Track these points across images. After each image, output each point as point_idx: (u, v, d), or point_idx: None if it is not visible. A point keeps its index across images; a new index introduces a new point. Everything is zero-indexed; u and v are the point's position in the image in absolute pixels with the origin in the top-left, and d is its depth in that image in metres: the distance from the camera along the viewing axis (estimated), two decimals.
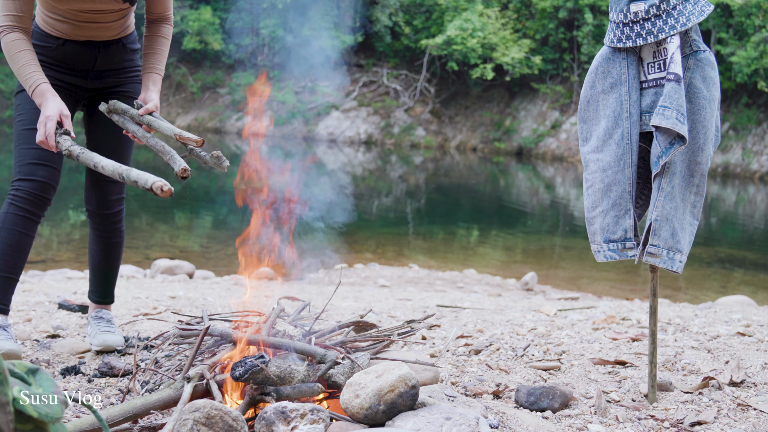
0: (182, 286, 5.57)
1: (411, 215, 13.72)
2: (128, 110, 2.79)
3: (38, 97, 2.70)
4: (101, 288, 3.21)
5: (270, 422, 2.00)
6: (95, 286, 3.21)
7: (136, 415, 2.10)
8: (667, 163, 2.49)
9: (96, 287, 3.21)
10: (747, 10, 21.29)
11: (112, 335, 3.09)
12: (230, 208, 11.65)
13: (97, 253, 3.16)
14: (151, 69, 2.96)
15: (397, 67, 27.76)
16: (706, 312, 4.60)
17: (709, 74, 2.51)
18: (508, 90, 26.73)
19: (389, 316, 4.26)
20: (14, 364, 1.32)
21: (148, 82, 2.92)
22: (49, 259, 7.47)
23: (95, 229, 3.13)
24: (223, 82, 28.20)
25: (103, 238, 3.13)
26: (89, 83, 2.98)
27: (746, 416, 2.50)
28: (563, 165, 22.59)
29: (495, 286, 7.21)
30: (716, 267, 9.24)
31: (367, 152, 23.87)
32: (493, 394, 2.66)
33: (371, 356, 2.48)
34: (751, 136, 21.81)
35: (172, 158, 2.50)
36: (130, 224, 10.06)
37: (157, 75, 2.94)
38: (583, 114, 2.68)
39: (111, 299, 3.24)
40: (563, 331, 3.69)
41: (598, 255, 2.65)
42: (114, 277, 3.23)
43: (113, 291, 3.24)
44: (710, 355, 3.19)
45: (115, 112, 2.84)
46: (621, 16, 2.53)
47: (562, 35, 25.36)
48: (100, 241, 3.14)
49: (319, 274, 7.30)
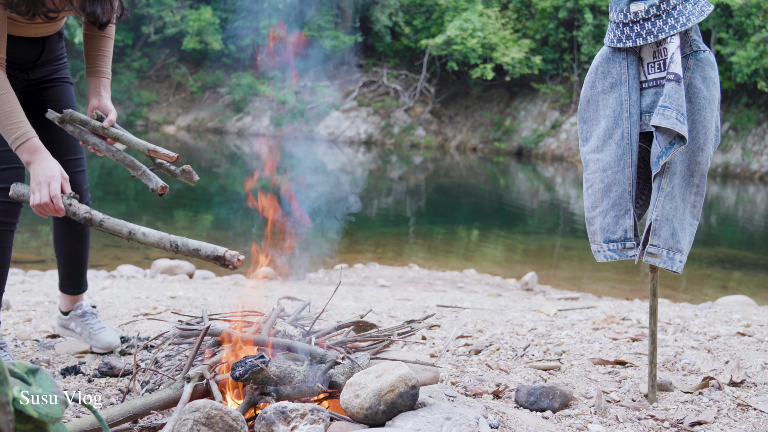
0: (182, 286, 5.57)
1: (411, 215, 13.72)
2: (89, 122, 2.57)
3: (28, 154, 2.42)
4: (77, 277, 3.10)
5: (270, 422, 2.00)
6: (71, 278, 3.10)
7: (136, 415, 2.10)
8: (667, 163, 2.49)
9: (72, 279, 3.10)
10: (747, 10, 21.29)
11: (111, 333, 3.07)
12: (230, 208, 11.65)
13: (69, 244, 3.03)
14: (100, 73, 2.73)
15: (397, 67, 27.77)
16: (706, 312, 4.60)
17: (709, 74, 2.51)
18: (508, 90, 26.73)
19: (389, 316, 4.26)
20: (14, 364, 1.32)
21: (99, 87, 2.70)
22: (49, 259, 7.47)
23: (65, 223, 2.94)
24: (223, 82, 28.20)
25: (75, 228, 2.99)
26: (29, 75, 2.77)
27: (746, 416, 2.50)
28: (563, 165, 22.60)
29: (495, 286, 7.21)
30: (716, 267, 9.24)
31: (367, 152, 23.88)
32: (493, 394, 2.66)
33: (371, 356, 2.48)
34: (751, 136, 21.81)
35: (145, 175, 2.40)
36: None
37: (107, 79, 2.73)
38: (583, 114, 2.68)
39: (86, 286, 3.16)
40: (563, 331, 3.69)
41: (598, 255, 2.65)
42: (87, 263, 3.13)
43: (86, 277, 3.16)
44: (710, 355, 3.19)
45: (70, 123, 2.59)
46: (621, 16, 2.53)
47: (562, 35, 25.37)
48: (71, 233, 3.00)
49: (319, 274, 7.30)
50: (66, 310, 3.16)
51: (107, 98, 2.69)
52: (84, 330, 3.08)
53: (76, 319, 3.12)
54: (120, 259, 7.82)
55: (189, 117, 28.23)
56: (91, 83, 2.72)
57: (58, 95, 2.86)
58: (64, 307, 3.17)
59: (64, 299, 3.16)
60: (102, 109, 2.66)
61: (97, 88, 2.70)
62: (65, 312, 3.16)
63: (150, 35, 27.48)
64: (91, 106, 2.69)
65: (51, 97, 2.84)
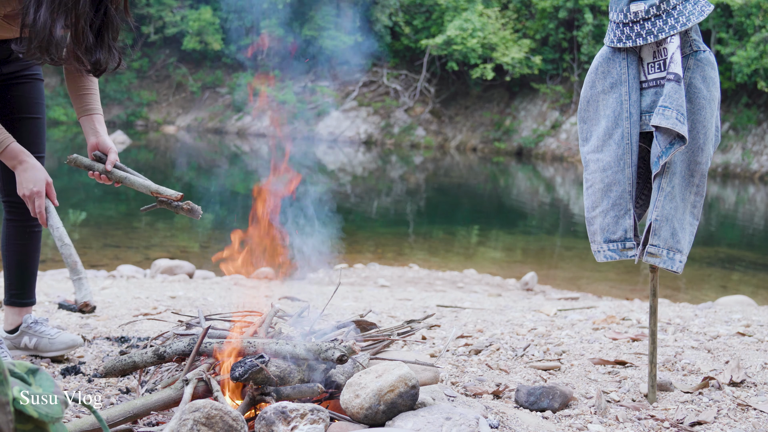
0: (182, 286, 5.57)
1: (411, 215, 13.72)
2: (93, 166, 2.62)
3: (10, 159, 2.45)
4: (28, 285, 2.94)
5: (270, 422, 2.00)
6: (21, 287, 2.93)
7: (136, 415, 2.10)
8: (667, 163, 2.49)
9: (22, 287, 2.93)
10: (747, 10, 21.29)
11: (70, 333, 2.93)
12: (230, 208, 11.65)
13: (20, 247, 2.90)
14: (92, 111, 2.71)
15: (397, 67, 27.78)
16: (706, 312, 4.60)
17: (709, 74, 2.51)
18: (508, 90, 26.74)
19: (389, 316, 4.26)
20: (14, 364, 1.32)
21: (94, 125, 2.69)
22: (49, 259, 7.47)
23: (18, 221, 2.86)
24: (223, 82, 28.21)
25: (26, 227, 2.88)
26: (1, 69, 2.73)
27: (746, 416, 2.50)
28: (563, 165, 22.60)
29: (495, 286, 7.21)
30: (716, 267, 9.24)
31: (367, 152, 23.88)
32: (493, 394, 2.66)
33: (371, 356, 2.48)
34: (751, 136, 21.82)
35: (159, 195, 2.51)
36: (130, 224, 10.08)
37: (100, 115, 2.72)
38: (583, 114, 2.68)
39: (35, 297, 2.99)
40: (563, 331, 3.69)
41: (598, 255, 2.65)
42: (36, 269, 2.98)
43: (35, 287, 2.99)
44: (710, 355, 3.19)
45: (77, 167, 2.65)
46: (621, 16, 2.53)
47: (562, 35, 25.37)
48: (22, 233, 2.88)
49: (319, 274, 7.30)
50: (13, 328, 2.95)
51: (104, 135, 2.68)
52: (40, 340, 2.90)
53: (27, 332, 2.91)
54: (120, 259, 7.82)
55: (189, 117, 28.23)
56: (85, 122, 2.70)
57: (27, 92, 2.82)
58: (9, 325, 2.95)
59: (9, 315, 2.95)
60: (101, 148, 2.66)
61: (93, 126, 2.69)
62: (13, 330, 2.94)
63: (150, 35, 27.49)
64: (90, 146, 2.68)
65: (20, 93, 2.80)
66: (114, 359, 2.43)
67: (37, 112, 2.84)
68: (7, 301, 2.96)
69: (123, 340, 3.24)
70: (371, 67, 27.68)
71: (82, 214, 10.67)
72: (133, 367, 2.41)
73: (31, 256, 2.94)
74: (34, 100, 2.84)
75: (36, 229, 2.92)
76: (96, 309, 3.18)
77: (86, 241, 9.01)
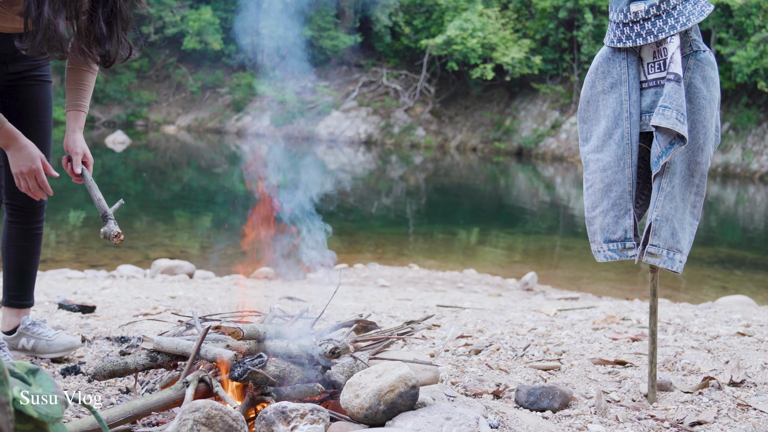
0: (182, 286, 5.57)
1: (411, 215, 13.72)
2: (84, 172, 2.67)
3: (5, 139, 2.47)
4: (27, 287, 2.95)
5: (270, 422, 2.00)
6: (20, 288, 2.93)
7: (136, 415, 2.10)
8: (667, 163, 2.49)
9: (21, 288, 2.94)
10: (747, 10, 21.29)
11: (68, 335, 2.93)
12: (230, 208, 11.65)
13: (20, 249, 2.90)
14: (76, 106, 2.70)
15: (397, 67, 27.78)
16: (706, 312, 4.60)
17: (709, 74, 2.51)
18: (508, 90, 26.74)
19: (389, 316, 4.26)
20: (14, 365, 1.32)
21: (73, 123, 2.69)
22: (49, 259, 7.47)
23: (19, 224, 2.87)
24: (223, 82, 28.21)
25: (27, 230, 2.89)
26: (9, 68, 2.73)
27: (746, 416, 2.50)
28: (563, 165, 22.60)
29: (495, 286, 7.21)
30: (716, 267, 9.24)
31: (367, 152, 23.88)
32: (493, 394, 2.66)
33: (371, 356, 2.48)
34: (751, 136, 21.81)
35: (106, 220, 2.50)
36: (129, 224, 10.07)
37: (83, 113, 2.71)
38: (583, 114, 2.68)
39: (33, 299, 3.00)
40: (563, 331, 3.69)
41: (598, 255, 2.65)
42: (36, 271, 2.99)
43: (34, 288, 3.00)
44: (710, 355, 3.19)
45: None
46: (621, 16, 2.53)
47: (562, 35, 25.37)
48: (23, 235, 2.89)
49: (319, 274, 7.29)
50: (10, 329, 2.95)
51: (78, 133, 2.69)
52: (38, 341, 2.90)
53: (25, 333, 2.91)
54: (120, 259, 7.82)
55: (189, 117, 28.23)
56: (68, 117, 2.71)
57: (35, 94, 2.82)
58: (7, 326, 2.95)
59: (7, 316, 2.95)
60: (70, 148, 2.67)
61: (71, 124, 2.70)
62: (10, 331, 2.95)
63: (150, 35, 27.48)
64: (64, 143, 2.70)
65: (29, 96, 2.81)
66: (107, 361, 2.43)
67: (44, 115, 2.85)
68: (5, 302, 2.96)
69: (123, 340, 3.24)
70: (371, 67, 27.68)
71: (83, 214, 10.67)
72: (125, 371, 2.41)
73: (31, 258, 2.94)
74: (43, 104, 2.85)
75: (37, 232, 2.92)
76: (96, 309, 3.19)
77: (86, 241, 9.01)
